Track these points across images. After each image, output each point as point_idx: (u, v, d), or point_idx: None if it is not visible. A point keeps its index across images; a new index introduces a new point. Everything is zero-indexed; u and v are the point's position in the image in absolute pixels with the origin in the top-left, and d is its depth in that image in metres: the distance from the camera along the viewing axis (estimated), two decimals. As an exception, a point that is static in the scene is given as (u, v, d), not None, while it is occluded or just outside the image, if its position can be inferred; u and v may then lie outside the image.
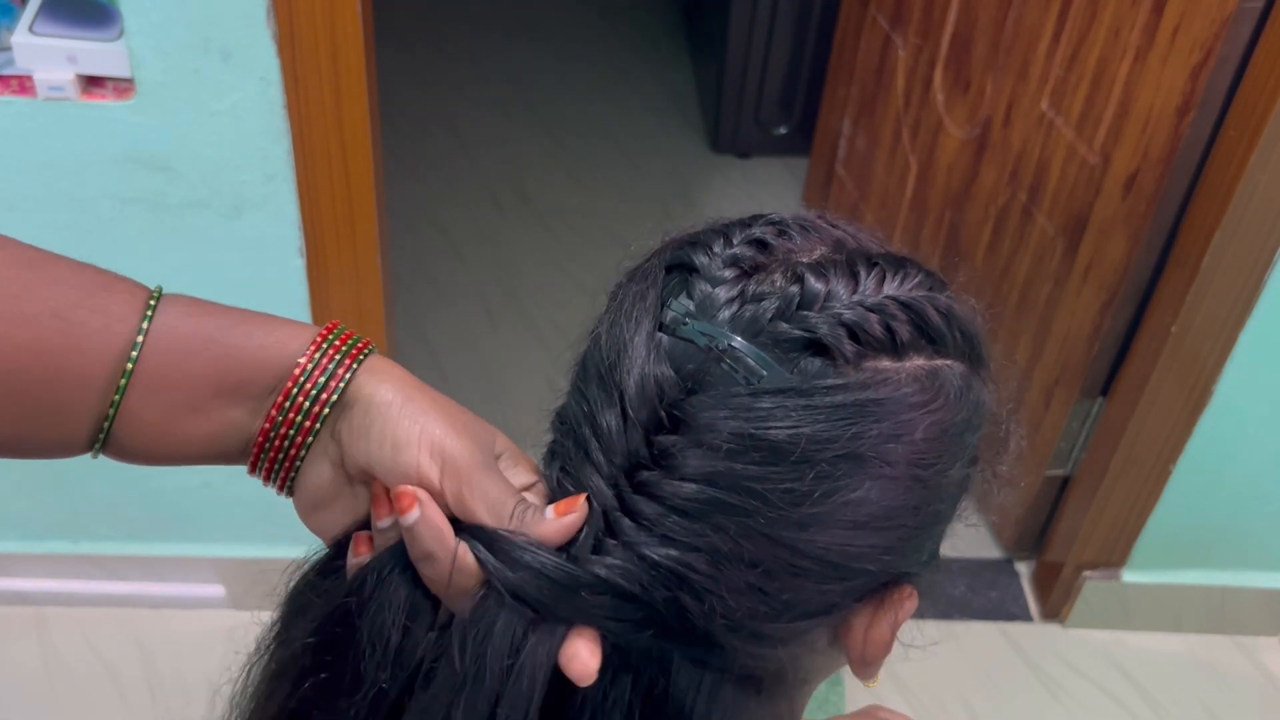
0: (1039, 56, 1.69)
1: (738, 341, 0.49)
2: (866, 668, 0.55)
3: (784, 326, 0.49)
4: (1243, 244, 1.46)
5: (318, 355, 0.53)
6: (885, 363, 0.50)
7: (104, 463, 1.80)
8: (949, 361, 0.52)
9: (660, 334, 0.51)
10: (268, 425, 0.53)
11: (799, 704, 0.59)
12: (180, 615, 1.81)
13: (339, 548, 0.56)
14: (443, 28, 3.12)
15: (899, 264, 0.53)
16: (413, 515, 0.50)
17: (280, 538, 1.76)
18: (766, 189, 2.71)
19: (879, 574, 0.52)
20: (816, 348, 0.49)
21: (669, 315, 0.51)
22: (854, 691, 1.70)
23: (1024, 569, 1.99)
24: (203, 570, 1.78)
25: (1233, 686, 1.88)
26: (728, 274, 0.51)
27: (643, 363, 0.50)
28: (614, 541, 0.49)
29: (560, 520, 0.49)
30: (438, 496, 0.50)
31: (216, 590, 1.80)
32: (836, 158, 2.42)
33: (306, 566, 0.57)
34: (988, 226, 1.87)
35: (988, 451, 0.56)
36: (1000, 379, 0.56)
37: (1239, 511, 1.78)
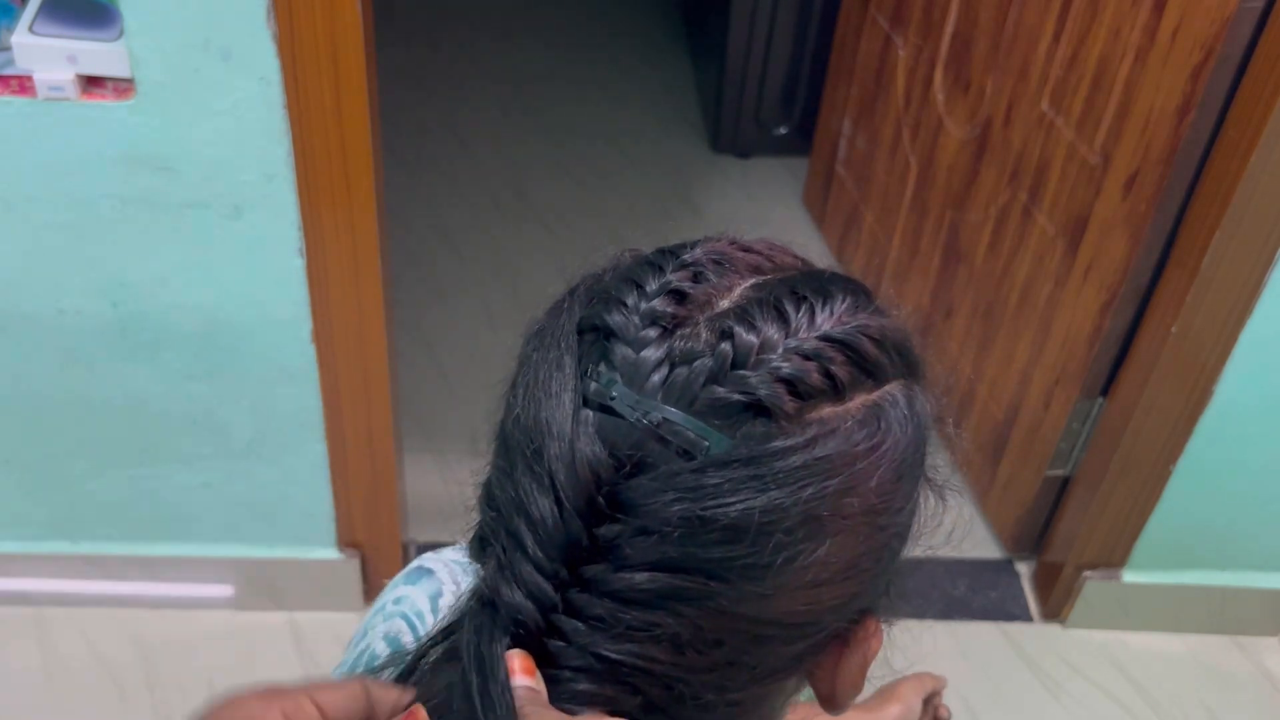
0: (1039, 56, 1.69)
1: (672, 413, 0.45)
2: (837, 707, 0.53)
3: (720, 391, 0.45)
4: (1243, 244, 1.46)
5: None
6: (828, 409, 0.47)
7: (104, 462, 1.80)
8: (889, 387, 0.49)
9: (585, 409, 0.47)
10: None
11: None
12: (180, 615, 1.81)
13: None
14: (443, 28, 3.12)
15: (823, 289, 0.49)
16: None
17: (280, 538, 1.76)
18: (766, 189, 2.71)
19: (843, 619, 0.50)
20: (756, 409, 0.46)
21: (592, 386, 0.47)
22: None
23: (1024, 569, 1.99)
24: (202, 570, 1.78)
25: (1233, 686, 1.87)
26: (649, 334, 0.47)
27: (571, 444, 0.46)
28: (561, 643, 0.46)
29: None
30: None
31: (216, 590, 1.80)
32: (836, 158, 2.42)
33: None
34: (988, 226, 1.87)
35: (931, 457, 0.53)
36: (934, 376, 0.53)
37: (1239, 511, 1.78)
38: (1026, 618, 1.93)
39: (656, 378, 0.46)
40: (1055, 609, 1.92)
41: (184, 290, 1.47)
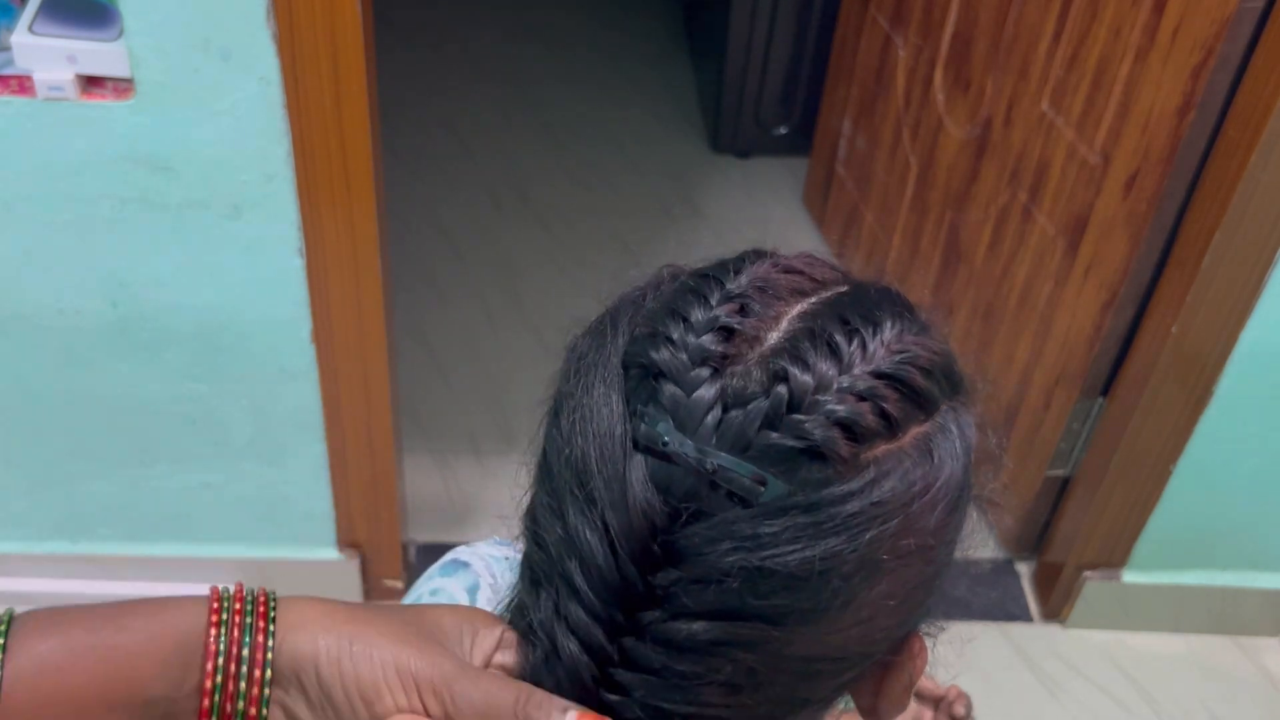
0: (1039, 56, 1.69)
1: (727, 459, 0.44)
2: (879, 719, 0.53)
3: (775, 437, 0.44)
4: (1243, 244, 1.46)
5: (223, 628, 0.46)
6: (883, 448, 0.46)
7: (104, 463, 1.80)
8: (938, 417, 0.48)
9: (637, 453, 0.46)
10: None
11: None
12: (180, 615, 1.81)
13: None
14: (443, 28, 3.12)
15: (870, 315, 0.48)
16: None
17: (280, 538, 1.76)
18: (766, 189, 2.71)
19: (890, 645, 0.50)
20: (812, 454, 0.45)
21: (642, 429, 0.46)
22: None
23: (1024, 569, 1.99)
24: (202, 570, 1.78)
25: (1233, 686, 1.87)
26: (700, 374, 0.46)
27: (623, 490, 0.45)
28: (618, 697, 0.46)
29: None
30: None
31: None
32: (836, 158, 2.42)
33: None
34: (988, 226, 1.87)
35: (978, 473, 0.52)
36: (977, 392, 0.53)
37: (1239, 511, 1.78)
38: (1026, 618, 1.93)
39: (710, 421, 0.45)
40: (1055, 609, 1.92)
41: (184, 290, 1.46)
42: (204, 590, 0.49)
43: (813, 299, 0.49)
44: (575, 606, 0.47)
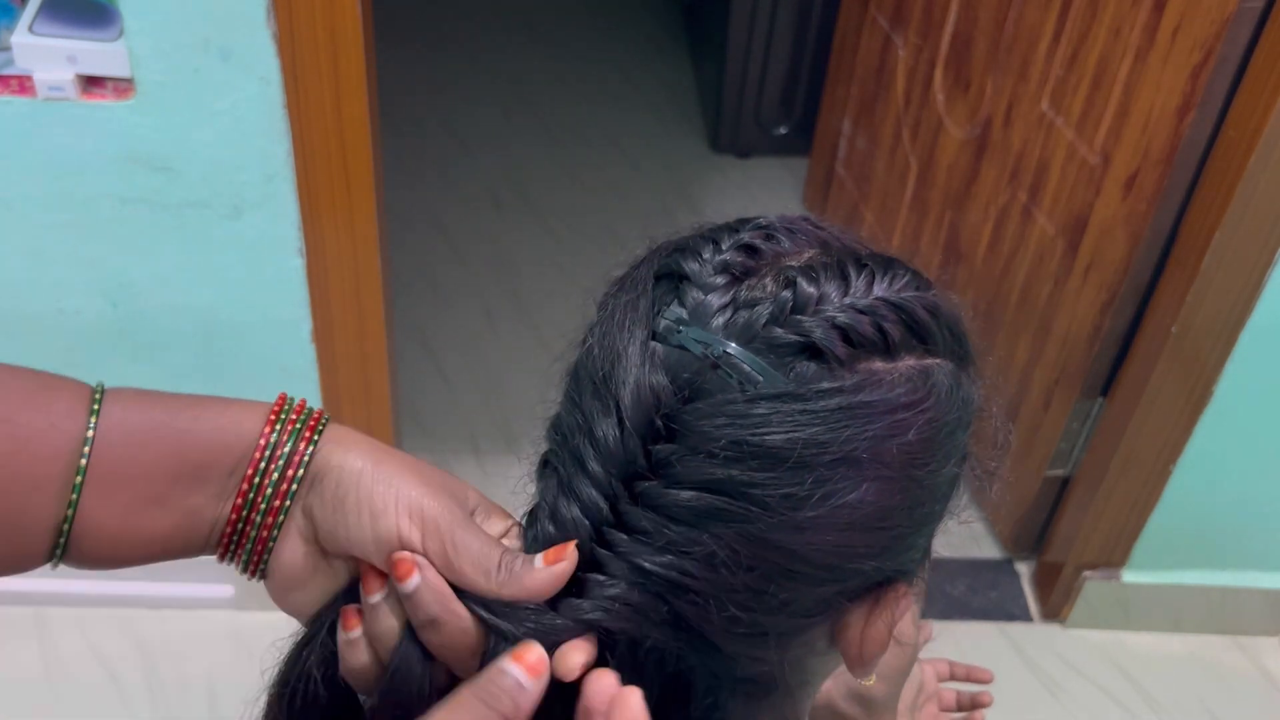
0: (1039, 56, 1.69)
1: (732, 347, 0.49)
2: (863, 667, 0.55)
3: (778, 331, 0.49)
4: (1243, 244, 1.46)
5: (276, 430, 0.53)
6: (878, 364, 0.50)
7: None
8: (939, 360, 0.52)
9: (654, 342, 0.51)
10: (239, 502, 0.53)
11: (802, 706, 0.59)
12: (180, 615, 1.81)
13: (318, 623, 0.55)
14: (443, 28, 3.12)
15: (886, 264, 0.53)
16: (413, 581, 0.50)
17: (280, 538, 1.76)
18: (766, 189, 2.71)
19: (873, 574, 0.52)
20: (810, 351, 0.49)
21: (662, 323, 0.51)
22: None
23: (1024, 569, 1.99)
24: (203, 570, 1.78)
25: (1233, 686, 1.88)
26: (719, 280, 0.51)
27: (638, 371, 0.50)
28: (608, 553, 0.50)
29: (550, 570, 0.50)
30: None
31: (216, 590, 1.80)
32: (836, 158, 2.42)
33: (290, 647, 0.56)
34: (988, 226, 1.87)
35: (977, 447, 0.56)
36: (986, 375, 0.56)
37: (1239, 511, 1.78)
38: (1026, 618, 1.93)
39: (721, 318, 0.50)
40: (1055, 609, 1.92)
41: (184, 290, 1.47)
42: (205, 591, 0.52)
43: (837, 247, 0.54)
44: (580, 478, 0.51)
